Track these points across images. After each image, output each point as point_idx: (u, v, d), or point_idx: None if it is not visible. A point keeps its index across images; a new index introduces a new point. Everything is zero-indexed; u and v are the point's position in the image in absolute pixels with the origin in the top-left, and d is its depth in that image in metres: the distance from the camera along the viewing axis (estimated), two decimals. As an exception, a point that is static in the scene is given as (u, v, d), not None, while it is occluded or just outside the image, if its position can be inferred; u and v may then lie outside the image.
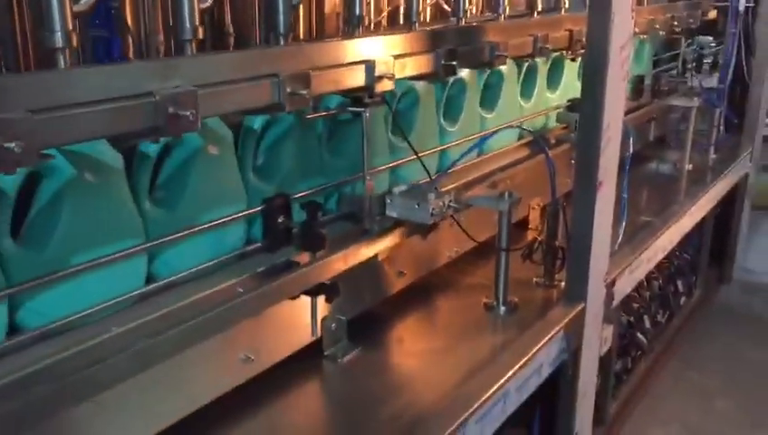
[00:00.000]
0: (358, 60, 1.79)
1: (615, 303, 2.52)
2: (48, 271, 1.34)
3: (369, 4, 2.20)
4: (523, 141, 2.93)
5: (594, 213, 2.15)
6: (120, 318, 1.45)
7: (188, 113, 1.32)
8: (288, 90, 1.54)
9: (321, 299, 1.84)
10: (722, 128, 4.27)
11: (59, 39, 1.21)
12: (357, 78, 1.78)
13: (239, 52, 1.59)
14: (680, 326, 3.89)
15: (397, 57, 1.89)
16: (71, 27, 1.22)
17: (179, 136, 1.36)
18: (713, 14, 4.62)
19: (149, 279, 1.56)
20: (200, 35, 1.44)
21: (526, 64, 2.91)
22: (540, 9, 2.94)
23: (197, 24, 1.43)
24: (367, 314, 2.11)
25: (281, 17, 1.64)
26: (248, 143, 1.79)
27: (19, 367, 1.26)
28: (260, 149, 1.84)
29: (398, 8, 2.52)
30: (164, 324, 1.47)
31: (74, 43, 1.23)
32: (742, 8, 4.18)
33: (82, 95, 1.21)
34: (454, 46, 2.12)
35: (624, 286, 2.61)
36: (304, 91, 1.57)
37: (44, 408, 1.29)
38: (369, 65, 1.79)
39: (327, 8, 2.42)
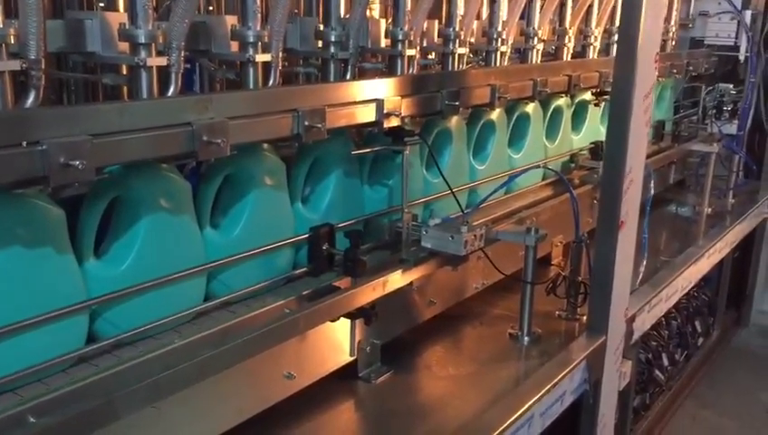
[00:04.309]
0: (369, 99, 1.93)
1: (635, 338, 2.62)
2: (123, 286, 1.49)
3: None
4: (547, 181, 3.06)
5: (616, 250, 2.27)
6: (182, 332, 1.59)
7: (219, 141, 1.49)
8: (306, 123, 1.70)
9: (357, 323, 1.96)
10: (741, 173, 4.39)
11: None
12: (367, 114, 1.93)
13: (265, 89, 1.77)
14: (698, 366, 3.96)
15: (404, 96, 2.04)
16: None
17: (211, 159, 1.52)
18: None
19: (207, 297, 1.71)
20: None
21: (552, 108, 3.06)
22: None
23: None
24: (399, 340, 2.23)
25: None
26: (298, 175, 1.94)
27: (94, 372, 1.41)
28: (308, 181, 1.99)
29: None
30: (220, 339, 1.61)
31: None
32: (742, 57, 4.33)
33: (133, 123, 1.38)
34: (457, 88, 2.26)
35: (643, 322, 2.71)
36: (320, 125, 1.73)
37: (113, 411, 1.41)
38: (379, 103, 1.95)
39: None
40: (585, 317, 2.47)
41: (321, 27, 2.01)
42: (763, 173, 4.49)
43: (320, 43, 2.06)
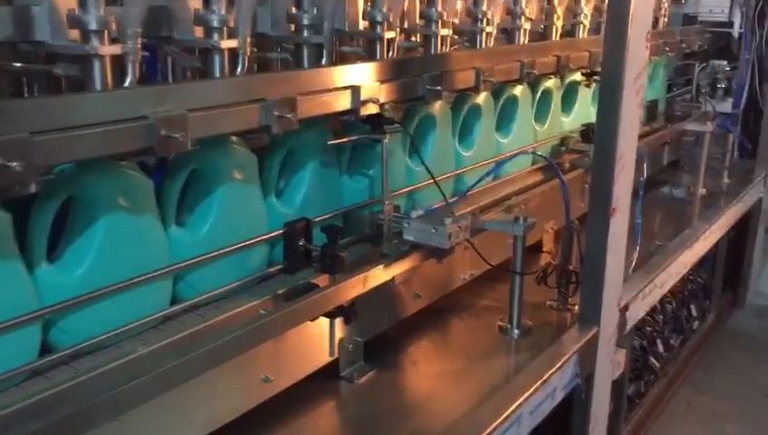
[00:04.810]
0: (344, 85, 1.83)
1: (628, 327, 2.54)
2: (80, 293, 1.39)
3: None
4: (537, 165, 2.97)
5: (608, 240, 2.18)
6: (146, 338, 1.50)
7: (178, 135, 1.38)
8: (275, 113, 1.59)
9: (338, 321, 1.87)
10: (735, 153, 4.30)
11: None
12: (343, 102, 1.82)
13: (229, 78, 1.65)
14: (693, 350, 3.89)
15: (382, 82, 1.94)
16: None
17: (170, 155, 1.43)
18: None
19: (174, 301, 1.61)
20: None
21: (541, 89, 2.96)
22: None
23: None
24: (383, 336, 2.15)
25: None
26: (271, 168, 1.84)
27: (50, 386, 1.31)
28: (282, 173, 1.89)
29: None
30: (188, 345, 1.52)
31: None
32: (736, 33, 4.23)
33: (80, 118, 1.27)
34: (439, 72, 2.15)
35: (637, 311, 2.63)
36: (291, 115, 1.62)
37: (72, 426, 1.32)
38: (355, 90, 1.84)
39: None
40: (577, 307, 2.39)
41: (294, 10, 1.90)
42: (759, 152, 4.40)
43: (293, 27, 1.94)
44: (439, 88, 2.10)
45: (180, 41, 1.67)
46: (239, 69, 1.69)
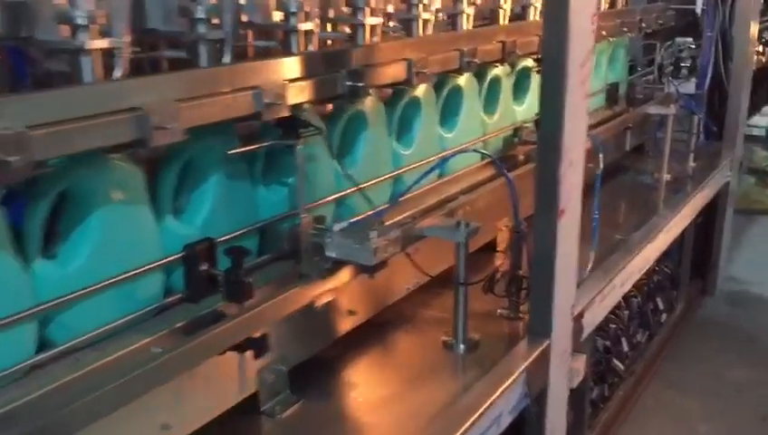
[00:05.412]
0: (242, 87, 1.59)
1: (585, 335, 2.35)
2: None
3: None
4: (487, 160, 2.76)
5: (556, 244, 1.99)
6: (3, 395, 1.27)
7: (14, 159, 1.13)
8: (152, 124, 1.36)
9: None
10: (701, 135, 4.13)
11: None
12: (240, 107, 1.59)
13: (90, 85, 1.38)
14: (662, 344, 3.73)
15: (291, 81, 1.72)
16: None
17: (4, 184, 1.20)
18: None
19: (45, 346, 1.38)
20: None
21: (489, 78, 2.75)
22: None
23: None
24: (313, 360, 1.94)
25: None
26: (166, 183, 1.62)
27: None
28: (180, 188, 1.66)
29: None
30: (58, 399, 1.30)
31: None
32: (699, 10, 4.06)
33: None
34: (361, 66, 1.93)
35: (594, 316, 2.44)
36: (171, 125, 1.38)
37: None
38: (255, 92, 1.61)
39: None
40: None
41: (187, 1, 1.66)
42: (725, 134, 4.23)
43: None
44: (362, 84, 1.87)
45: (43, 42, 1.43)
46: (116, 72, 1.46)
